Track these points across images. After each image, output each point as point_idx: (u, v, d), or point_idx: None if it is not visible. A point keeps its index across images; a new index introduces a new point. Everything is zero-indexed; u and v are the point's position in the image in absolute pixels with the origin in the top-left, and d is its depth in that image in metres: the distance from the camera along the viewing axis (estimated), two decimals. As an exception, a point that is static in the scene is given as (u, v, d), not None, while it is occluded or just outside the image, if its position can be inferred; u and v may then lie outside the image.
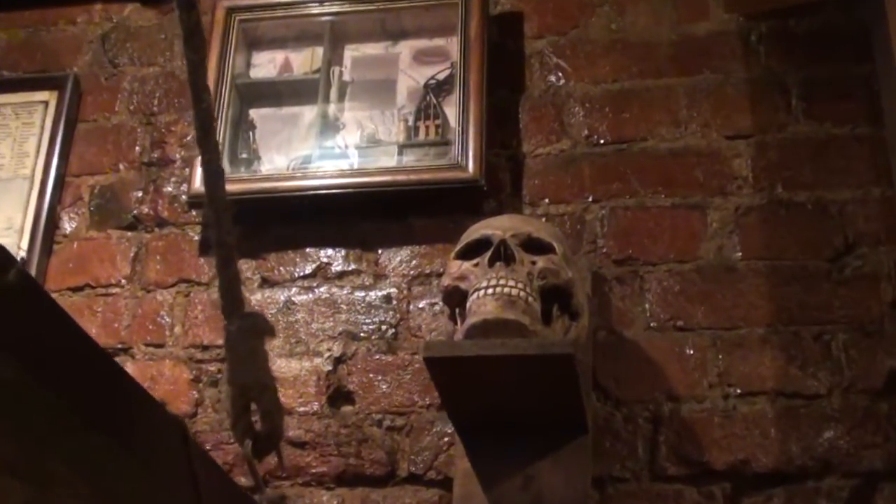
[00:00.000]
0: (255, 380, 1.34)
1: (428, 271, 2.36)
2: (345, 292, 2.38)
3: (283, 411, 1.36)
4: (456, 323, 2.01)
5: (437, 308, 2.31)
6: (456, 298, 2.00)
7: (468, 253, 2.04)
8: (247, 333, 1.34)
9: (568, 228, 2.32)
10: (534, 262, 1.98)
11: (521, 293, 1.90)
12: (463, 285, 1.99)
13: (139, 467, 0.99)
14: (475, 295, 1.92)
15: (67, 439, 0.90)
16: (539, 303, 1.94)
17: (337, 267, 2.41)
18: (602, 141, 2.41)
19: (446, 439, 2.19)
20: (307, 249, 2.44)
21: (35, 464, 0.94)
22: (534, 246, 2.01)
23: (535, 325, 1.90)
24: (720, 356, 2.16)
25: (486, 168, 2.36)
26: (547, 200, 2.38)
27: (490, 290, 1.90)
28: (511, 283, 1.91)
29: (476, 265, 1.99)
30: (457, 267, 2.03)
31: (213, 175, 1.39)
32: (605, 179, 2.38)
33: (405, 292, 2.35)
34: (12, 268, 0.77)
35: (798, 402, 2.10)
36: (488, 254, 1.97)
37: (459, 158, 2.36)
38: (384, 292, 2.36)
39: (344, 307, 2.36)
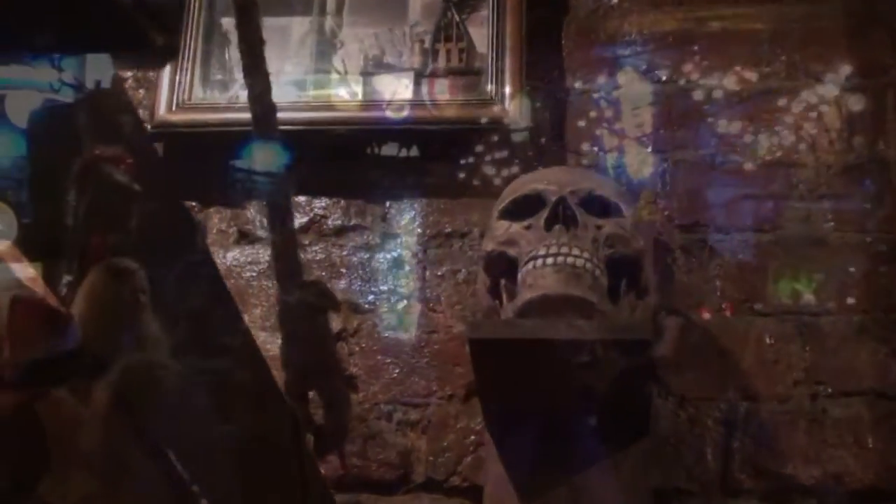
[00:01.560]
0: (317, 362, 1.38)
1: (448, 230, 2.36)
2: (345, 253, 2.36)
3: (349, 402, 1.40)
4: (498, 297, 2.01)
5: (460, 276, 2.31)
6: (501, 267, 2.00)
7: (516, 212, 2.03)
8: (307, 306, 1.38)
9: (622, 184, 2.27)
10: (599, 227, 1.97)
11: (588, 264, 1.91)
12: (511, 252, 1.98)
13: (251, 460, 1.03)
14: (530, 265, 1.93)
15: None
16: (606, 276, 1.95)
17: (335, 221, 2.40)
18: (664, 78, 2.40)
19: (473, 438, 2.20)
20: (298, 198, 2.40)
21: (113, 457, 0.99)
22: (597, 206, 2.01)
23: (604, 304, 1.89)
24: (807, 348, 2.20)
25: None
26: (595, 148, 2.36)
27: (550, 260, 1.91)
28: (575, 251, 1.91)
29: (528, 227, 1.98)
30: (503, 228, 2.02)
31: (266, 111, 1.43)
32: (668, 125, 2.37)
33: (420, 255, 2.34)
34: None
35: (901, 406, 2.11)
36: (544, 214, 1.97)
37: (493, 93, 2.33)
38: (394, 254, 2.36)
39: (343, 271, 2.34)
